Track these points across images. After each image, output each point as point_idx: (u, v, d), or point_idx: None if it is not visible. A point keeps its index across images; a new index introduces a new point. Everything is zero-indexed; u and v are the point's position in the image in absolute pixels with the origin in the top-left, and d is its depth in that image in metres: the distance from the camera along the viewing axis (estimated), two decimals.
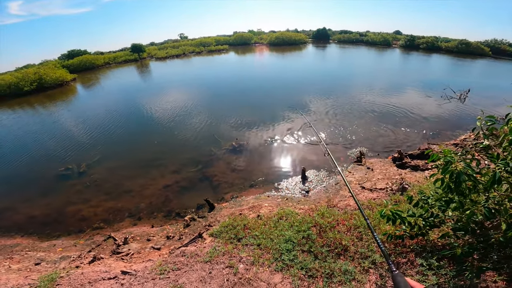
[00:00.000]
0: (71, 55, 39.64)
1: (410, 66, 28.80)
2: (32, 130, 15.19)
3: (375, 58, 35.19)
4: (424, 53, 37.14)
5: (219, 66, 33.72)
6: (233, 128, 12.35)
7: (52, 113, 18.48)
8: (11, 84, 25.43)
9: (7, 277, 4.51)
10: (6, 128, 16.15)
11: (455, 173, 2.44)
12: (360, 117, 12.61)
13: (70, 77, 29.71)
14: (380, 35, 48.48)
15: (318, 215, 4.96)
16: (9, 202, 8.29)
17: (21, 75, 26.65)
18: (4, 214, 7.75)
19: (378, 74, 23.16)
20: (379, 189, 6.59)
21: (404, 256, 3.53)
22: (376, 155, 8.94)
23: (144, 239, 5.89)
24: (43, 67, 31.99)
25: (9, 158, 11.64)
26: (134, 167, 9.67)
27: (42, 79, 26.51)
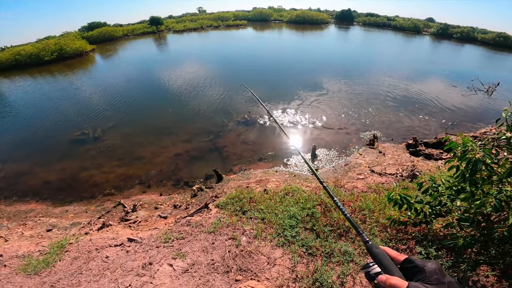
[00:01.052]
0: (91, 27, 39.56)
1: (439, 54, 26.98)
2: (51, 97, 15.49)
3: (402, 43, 33.19)
4: (457, 42, 34.68)
5: (236, 41, 32.92)
6: (246, 102, 12.24)
7: (71, 81, 18.78)
8: (32, 54, 25.78)
9: (19, 244, 4.71)
10: (27, 94, 16.48)
11: (472, 160, 2.33)
12: (377, 101, 12.16)
13: (89, 48, 29.88)
14: (410, 21, 45.31)
15: (324, 194, 4.93)
16: (27, 167, 8.54)
17: (42, 45, 26.95)
18: (22, 178, 8.01)
19: (402, 60, 21.92)
20: (389, 174, 6.44)
21: (404, 243, 3.50)
22: (390, 140, 8.69)
23: (152, 207, 6.02)
24: (64, 38, 32.13)
25: (29, 123, 11.98)
26: (147, 134, 9.80)
27: (62, 49, 26.76)
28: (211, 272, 3.37)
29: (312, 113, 10.86)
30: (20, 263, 4.01)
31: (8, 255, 4.23)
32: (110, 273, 3.53)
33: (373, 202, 4.51)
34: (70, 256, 4.05)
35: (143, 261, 3.65)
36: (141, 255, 3.82)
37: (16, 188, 7.55)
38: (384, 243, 3.57)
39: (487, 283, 2.86)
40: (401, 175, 6.29)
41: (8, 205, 6.85)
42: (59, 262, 3.92)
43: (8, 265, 3.98)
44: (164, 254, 3.74)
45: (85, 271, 3.65)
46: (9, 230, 5.49)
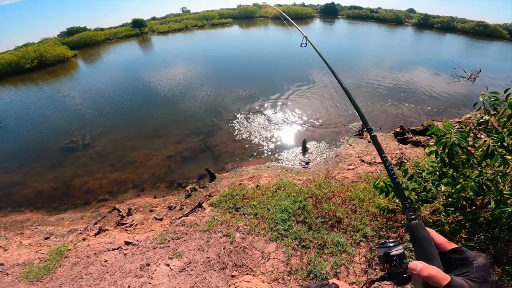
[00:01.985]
0: (70, 32, 38.95)
1: (421, 45, 27.38)
2: (36, 105, 15.16)
3: (385, 35, 33.54)
4: (438, 32, 35.26)
5: (222, 40, 32.71)
6: (235, 99, 12.28)
7: (55, 88, 18.40)
8: (12, 62, 25.29)
9: (18, 252, 4.73)
10: (11, 104, 16.15)
11: (448, 144, 2.36)
12: (365, 91, 12.38)
13: (71, 54, 29.35)
14: (392, 12, 45.88)
15: (315, 186, 5.01)
16: (19, 177, 8.46)
17: (21, 53, 26.44)
18: (15, 188, 7.95)
19: (386, 51, 22.18)
20: (378, 163, 6.58)
21: (395, 231, 3.59)
22: (378, 129, 8.85)
23: (147, 210, 6.05)
24: (43, 44, 31.56)
25: (16, 133, 11.77)
26: (137, 138, 9.77)
27: (42, 56, 26.27)
28: (207, 270, 3.44)
29: (301, 106, 10.98)
30: (21, 271, 4.04)
31: (10, 264, 4.25)
32: (110, 276, 3.58)
33: (363, 192, 4.61)
34: (70, 261, 4.08)
35: (141, 262, 3.70)
36: (138, 257, 3.86)
37: (10, 199, 7.50)
38: (375, 231, 3.65)
39: None
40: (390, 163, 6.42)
41: (4, 216, 6.83)
42: (60, 268, 3.96)
43: (10, 274, 4.01)
44: (161, 255, 3.79)
45: (85, 276, 3.69)
46: (7, 240, 5.49)
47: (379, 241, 0.87)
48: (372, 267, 3.29)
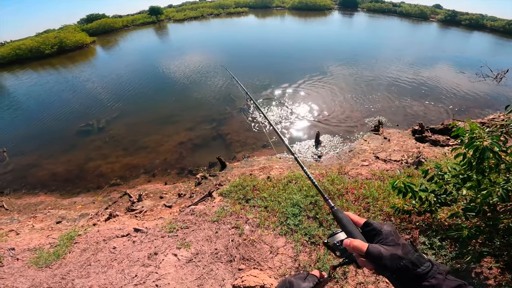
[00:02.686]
0: (90, 19, 39.34)
1: (446, 41, 25.78)
2: (55, 89, 15.49)
3: (408, 30, 31.86)
4: (465, 29, 33.33)
5: (238, 29, 32.25)
6: (249, 88, 12.06)
7: (73, 73, 18.74)
8: (32, 48, 25.83)
9: (30, 237, 4.76)
10: (31, 88, 16.52)
11: (480, 148, 2.20)
12: (383, 86, 11.87)
13: (89, 40, 29.77)
14: (417, 7, 43.76)
15: (328, 181, 4.84)
16: (34, 159, 8.60)
17: (42, 39, 26.93)
18: (30, 170, 8.07)
19: (408, 46, 21.09)
20: (394, 161, 6.32)
21: (408, 232, 3.41)
22: (395, 126, 8.50)
23: (157, 196, 6.03)
24: (63, 31, 32.13)
25: (34, 116, 12.05)
26: (150, 123, 9.79)
27: (62, 42, 26.77)
28: (214, 261, 3.36)
29: (315, 98, 10.70)
30: (31, 256, 4.06)
31: (20, 249, 4.28)
32: (117, 264, 3.56)
33: (377, 190, 4.40)
34: (79, 247, 4.09)
35: (149, 251, 3.66)
36: (146, 245, 3.82)
37: (24, 181, 7.61)
38: None
39: (489, 275, 2.79)
40: (406, 162, 6.16)
41: (18, 198, 6.92)
42: (69, 254, 3.96)
43: (20, 259, 4.03)
44: (169, 244, 3.74)
45: (93, 263, 3.68)
46: (20, 223, 5.55)
47: (329, 234, 1.05)
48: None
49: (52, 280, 3.43)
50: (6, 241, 4.60)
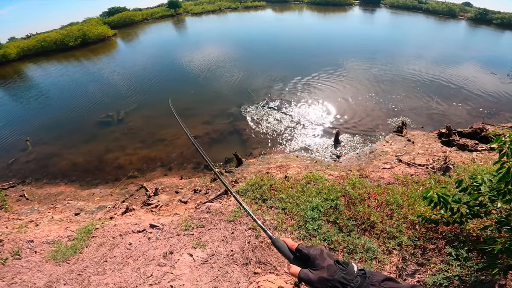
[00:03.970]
0: (111, 12, 39.94)
1: (476, 40, 24.20)
2: (77, 81, 15.88)
3: (434, 27, 30.08)
4: (496, 29, 31.21)
5: (254, 23, 31.81)
6: (266, 84, 11.88)
7: (95, 65, 19.15)
8: (57, 40, 26.70)
9: (49, 228, 4.79)
10: (55, 79, 17.01)
11: None
12: (407, 85, 11.28)
13: (111, 33, 30.36)
14: (445, 4, 41.37)
15: (349, 184, 4.58)
16: (56, 149, 8.78)
17: (66, 32, 27.79)
18: (52, 160, 8.23)
19: (434, 44, 19.78)
20: (418, 165, 5.96)
21: (434, 242, 3.19)
22: (420, 128, 8.06)
23: (173, 191, 5.96)
24: (86, 24, 32.85)
25: (57, 106, 12.42)
26: (168, 116, 9.71)
27: (85, 35, 27.48)
28: (230, 264, 3.23)
29: (336, 95, 10.35)
30: (50, 249, 4.07)
31: (39, 241, 4.30)
32: (133, 261, 3.50)
33: (402, 196, 4.13)
34: (96, 242, 4.07)
35: (164, 249, 3.59)
36: (162, 242, 3.75)
37: (46, 170, 7.76)
38: (411, 241, 3.28)
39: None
40: (432, 166, 5.78)
41: (39, 188, 7.03)
42: (86, 249, 3.95)
43: (38, 252, 4.05)
44: (184, 243, 3.65)
45: (109, 259, 3.65)
46: (40, 214, 5.62)
47: None
48: (402, 278, 2.94)
49: (69, 276, 3.42)
50: (25, 233, 4.65)
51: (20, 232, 4.71)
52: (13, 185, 7.25)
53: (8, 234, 4.65)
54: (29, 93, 15.14)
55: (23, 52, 26.45)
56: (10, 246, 4.25)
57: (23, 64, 24.16)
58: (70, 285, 3.29)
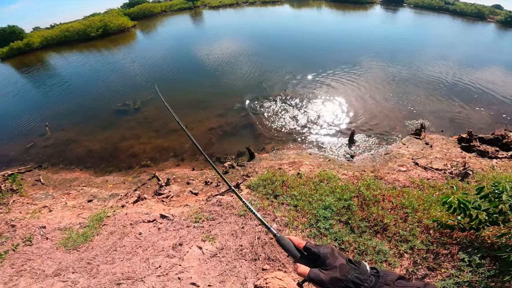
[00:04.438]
0: (132, 4, 40.51)
1: (505, 43, 22.89)
2: (97, 70, 16.28)
3: (460, 29, 28.46)
4: None
5: (272, 18, 31.35)
6: (282, 79, 11.66)
7: (115, 55, 19.50)
8: (79, 31, 27.45)
9: (62, 214, 4.83)
10: (76, 68, 17.47)
11: None
12: (428, 87, 10.73)
13: (131, 24, 30.83)
14: (474, 6, 39.23)
15: (363, 185, 4.44)
16: (74, 135, 8.95)
17: (88, 22, 28.50)
18: (69, 146, 8.38)
19: (458, 45, 18.63)
20: (435, 169, 5.71)
21: (447, 247, 3.11)
22: (440, 131, 7.70)
23: (184, 182, 5.95)
24: (108, 15, 33.58)
25: (77, 94, 12.73)
26: (183, 107, 9.80)
27: (106, 25, 28.08)
28: (238, 258, 3.19)
29: (352, 94, 10.03)
30: (61, 236, 4.11)
31: (51, 227, 4.35)
32: (142, 252, 3.49)
33: (417, 200, 3.99)
34: (107, 230, 4.08)
35: (174, 241, 3.56)
36: (171, 234, 3.73)
37: (63, 156, 7.91)
38: (425, 245, 3.20)
39: None
40: (450, 172, 5.53)
41: (55, 173, 7.16)
42: (97, 237, 3.97)
43: (50, 238, 4.09)
44: (194, 235, 3.62)
45: (119, 248, 3.65)
46: (54, 200, 5.69)
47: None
48: (411, 281, 2.79)
49: (78, 264, 3.43)
50: (38, 218, 4.70)
51: (33, 217, 4.76)
52: (29, 169, 7.38)
53: (21, 219, 4.71)
54: (50, 80, 15.61)
55: (46, 42, 27.31)
56: (22, 232, 4.30)
57: (46, 53, 24.91)
58: (78, 274, 3.30)
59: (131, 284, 2.99)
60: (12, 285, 3.26)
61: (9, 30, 29.39)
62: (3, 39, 28.34)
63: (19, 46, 26.32)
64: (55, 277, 3.31)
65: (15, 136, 9.59)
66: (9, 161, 7.99)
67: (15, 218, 4.74)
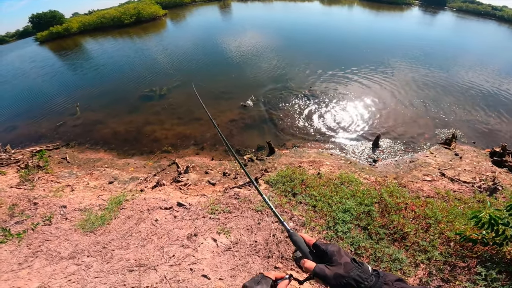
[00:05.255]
0: None
1: None
2: (127, 55, 16.75)
3: (506, 36, 25.86)
4: None
5: (301, 14, 30.41)
6: (307, 76, 11.28)
7: (145, 42, 19.94)
8: (114, 17, 28.48)
9: (83, 195, 4.86)
10: (109, 53, 18.11)
11: None
12: (463, 95, 9.89)
13: (162, 12, 31.46)
14: None
15: (386, 192, 4.21)
16: (102, 116, 9.18)
17: (123, 9, 29.51)
18: (97, 126, 8.59)
19: (501, 53, 16.85)
20: (463, 182, 5.35)
21: (466, 261, 3.00)
22: (471, 143, 7.14)
23: (203, 171, 5.90)
24: (141, 3, 34.35)
25: (107, 77, 13.18)
26: (206, 96, 9.77)
27: (140, 13, 28.87)
28: (252, 254, 3.09)
29: (378, 95, 9.52)
30: (80, 217, 4.13)
31: (72, 207, 4.38)
32: (157, 239, 3.46)
33: (441, 211, 3.78)
34: (124, 214, 4.08)
35: (189, 231, 3.51)
36: (187, 223, 3.68)
37: (90, 136, 8.12)
38: (443, 257, 3.08)
39: None
40: (478, 185, 5.15)
41: (81, 152, 7.35)
42: (114, 220, 3.96)
43: (69, 219, 4.11)
44: (210, 227, 3.55)
45: (135, 233, 3.63)
46: (77, 179, 5.76)
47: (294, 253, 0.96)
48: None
49: (94, 248, 3.43)
50: (60, 197, 4.75)
51: (55, 196, 4.82)
52: (57, 146, 7.63)
53: (44, 197, 4.76)
54: (85, 64, 16.29)
55: (83, 27, 28.50)
56: (43, 210, 4.35)
57: (83, 37, 25.95)
58: (93, 257, 3.30)
59: (143, 271, 2.97)
60: (26, 266, 3.28)
61: (50, 15, 30.82)
62: (44, 23, 29.82)
63: (58, 31, 27.59)
64: (70, 259, 3.31)
65: (48, 114, 10.02)
66: (39, 138, 8.33)
67: (38, 195, 4.81)
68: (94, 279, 2.96)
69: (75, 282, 2.93)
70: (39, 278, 3.06)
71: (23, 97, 12.45)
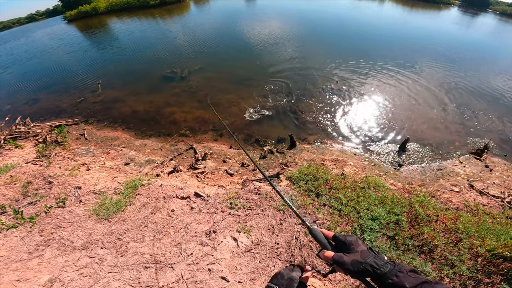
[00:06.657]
0: None
1: None
2: (150, 36, 16.61)
3: None
4: None
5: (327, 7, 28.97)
6: (333, 70, 10.61)
7: (168, 24, 19.65)
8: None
9: (98, 175, 4.62)
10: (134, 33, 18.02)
11: None
12: (501, 103, 8.94)
13: None
14: None
15: (416, 201, 3.83)
16: (122, 94, 9.01)
17: None
18: (116, 104, 8.43)
19: None
20: (492, 196, 4.92)
21: (490, 276, 2.81)
22: (503, 155, 6.54)
23: (221, 159, 5.62)
24: None
25: (130, 56, 13.04)
26: (228, 82, 9.46)
27: None
28: (273, 257, 2.82)
29: (409, 98, 8.77)
30: (95, 201, 3.90)
31: (86, 189, 4.16)
32: (174, 233, 3.22)
33: (473, 226, 3.51)
34: (140, 201, 3.84)
35: (208, 226, 3.25)
36: (205, 217, 3.42)
37: (109, 113, 7.97)
38: (470, 272, 2.88)
39: None
40: (508, 201, 4.75)
41: (99, 129, 7.20)
42: (129, 207, 3.73)
43: (83, 202, 3.89)
44: (229, 223, 3.28)
45: (150, 224, 3.39)
46: (94, 158, 5.56)
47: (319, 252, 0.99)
48: None
49: (108, 239, 3.20)
50: (76, 177, 4.53)
51: (71, 175, 4.60)
52: (76, 122, 7.50)
53: (59, 175, 4.55)
54: (110, 43, 16.23)
55: (110, 7, 28.44)
56: (58, 191, 4.13)
57: (109, 17, 25.88)
58: (107, 250, 3.08)
59: (160, 269, 2.74)
60: (37, 256, 3.05)
61: None
62: (73, 2, 29.95)
63: (86, 10, 27.63)
64: (83, 250, 3.09)
65: (71, 89, 10.00)
66: (59, 112, 8.27)
67: (54, 174, 4.61)
68: (108, 274, 2.74)
69: (88, 276, 2.71)
70: (49, 270, 2.85)
71: (49, 72, 12.52)
